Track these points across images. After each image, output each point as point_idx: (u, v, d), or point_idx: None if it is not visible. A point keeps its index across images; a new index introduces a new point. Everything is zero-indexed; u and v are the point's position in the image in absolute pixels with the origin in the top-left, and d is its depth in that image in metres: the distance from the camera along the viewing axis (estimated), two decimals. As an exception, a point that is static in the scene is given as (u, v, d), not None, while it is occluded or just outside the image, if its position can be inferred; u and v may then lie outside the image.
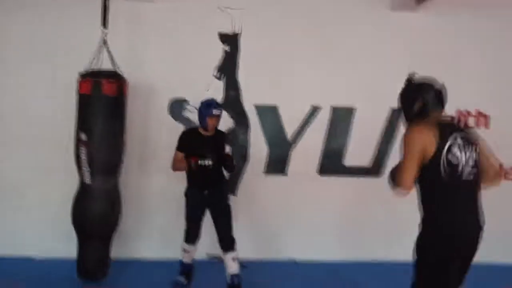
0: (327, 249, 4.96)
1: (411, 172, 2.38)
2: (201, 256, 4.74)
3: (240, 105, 4.93)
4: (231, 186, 4.84)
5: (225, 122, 4.85)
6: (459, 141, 2.41)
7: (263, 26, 4.88)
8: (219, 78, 4.89)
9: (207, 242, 4.68)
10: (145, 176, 4.82)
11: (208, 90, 4.78)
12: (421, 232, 2.46)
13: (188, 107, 4.85)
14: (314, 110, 4.95)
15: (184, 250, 4.08)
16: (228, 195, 4.11)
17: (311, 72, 4.91)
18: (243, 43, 4.90)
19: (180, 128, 4.76)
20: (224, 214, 3.95)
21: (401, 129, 4.86)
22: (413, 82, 2.63)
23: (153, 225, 4.85)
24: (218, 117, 3.94)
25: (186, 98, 4.84)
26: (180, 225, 4.16)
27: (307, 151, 4.95)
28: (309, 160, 4.98)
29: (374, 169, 5.02)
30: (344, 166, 5.03)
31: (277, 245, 4.98)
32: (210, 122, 3.88)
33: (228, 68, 4.89)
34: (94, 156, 3.84)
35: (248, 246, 4.71)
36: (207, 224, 4.08)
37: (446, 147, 2.37)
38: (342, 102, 4.98)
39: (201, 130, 3.99)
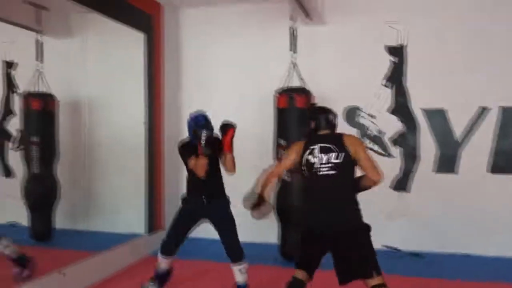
0: (504, 245, 5.14)
1: None
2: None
3: (408, 110, 5.43)
4: (403, 182, 5.42)
5: (395, 126, 5.45)
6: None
7: (426, 36, 5.32)
8: (387, 87, 5.46)
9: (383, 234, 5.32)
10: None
11: (378, 97, 5.44)
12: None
13: (360, 112, 5.54)
14: (482, 111, 5.22)
15: (160, 261, 3.87)
16: (229, 204, 3.86)
17: (476, 75, 5.21)
18: (409, 54, 5.41)
19: (354, 132, 5.50)
20: (228, 224, 3.79)
21: None
22: (313, 107, 3.39)
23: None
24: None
25: (359, 106, 5.52)
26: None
27: (477, 150, 5.23)
28: (478, 159, 5.27)
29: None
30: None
31: (449, 239, 5.33)
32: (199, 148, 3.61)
33: (395, 77, 5.44)
34: (291, 157, 4.73)
35: (422, 239, 5.30)
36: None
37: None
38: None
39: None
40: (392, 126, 5.48)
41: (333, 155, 2.93)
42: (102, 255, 4.26)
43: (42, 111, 4.80)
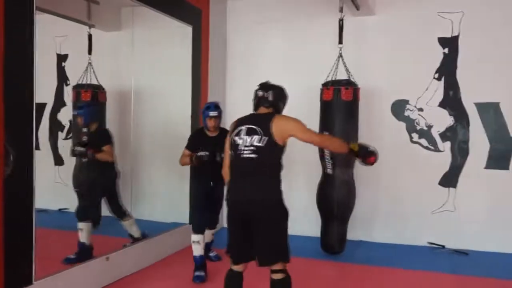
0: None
1: None
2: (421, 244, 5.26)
3: (459, 103, 5.22)
4: (451, 178, 5.24)
5: (445, 120, 5.25)
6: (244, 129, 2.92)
7: (481, 27, 5.09)
8: (438, 79, 5.27)
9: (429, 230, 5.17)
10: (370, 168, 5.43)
11: (427, 89, 5.26)
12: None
13: (408, 106, 5.37)
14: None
15: (194, 242, 4.20)
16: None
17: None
18: (461, 45, 5.19)
19: (401, 126, 5.34)
20: (220, 204, 4.38)
21: None
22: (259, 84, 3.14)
23: (381, 212, 5.48)
24: (216, 118, 4.23)
25: (407, 99, 5.36)
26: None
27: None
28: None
29: None
30: None
31: (497, 238, 5.11)
32: (209, 123, 4.21)
33: (447, 69, 5.24)
34: (335, 151, 4.65)
35: (469, 236, 5.13)
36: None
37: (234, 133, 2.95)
38: None
39: (206, 131, 4.30)
40: (441, 120, 5.29)
41: (256, 138, 2.87)
42: (145, 243, 4.33)
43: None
